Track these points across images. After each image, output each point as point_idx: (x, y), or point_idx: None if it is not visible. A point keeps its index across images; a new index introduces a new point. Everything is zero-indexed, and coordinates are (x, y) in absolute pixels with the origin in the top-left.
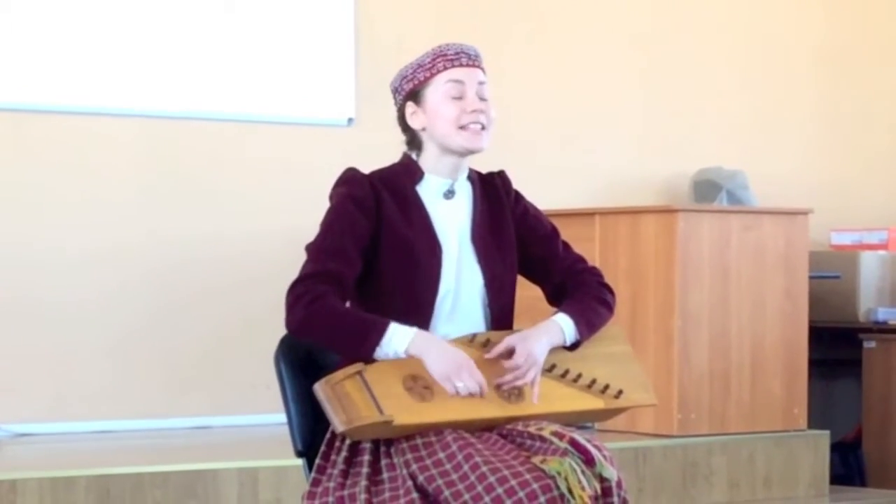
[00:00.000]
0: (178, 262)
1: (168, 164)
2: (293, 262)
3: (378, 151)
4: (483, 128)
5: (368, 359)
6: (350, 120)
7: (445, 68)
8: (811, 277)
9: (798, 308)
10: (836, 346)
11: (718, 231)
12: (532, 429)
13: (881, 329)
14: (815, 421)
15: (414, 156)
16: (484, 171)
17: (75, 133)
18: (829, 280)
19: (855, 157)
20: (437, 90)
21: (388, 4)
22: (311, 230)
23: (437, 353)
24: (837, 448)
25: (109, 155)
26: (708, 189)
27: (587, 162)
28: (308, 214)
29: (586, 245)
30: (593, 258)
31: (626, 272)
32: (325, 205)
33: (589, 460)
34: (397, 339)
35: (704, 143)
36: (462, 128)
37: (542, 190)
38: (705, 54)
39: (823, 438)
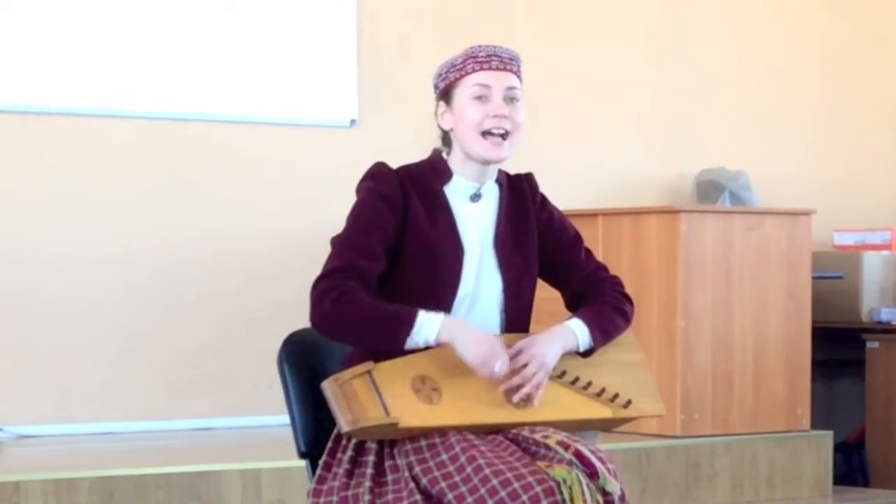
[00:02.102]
0: (180, 263)
1: (170, 165)
2: (296, 263)
3: (380, 153)
4: (506, 135)
5: (400, 350)
6: (352, 121)
7: (474, 70)
8: (814, 278)
9: (801, 308)
10: (839, 346)
11: (721, 231)
12: (538, 436)
13: (884, 329)
14: (818, 421)
15: (444, 154)
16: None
17: (80, 134)
18: (831, 280)
19: (858, 157)
20: (465, 92)
21: (390, 5)
22: (315, 231)
23: (468, 338)
24: (840, 448)
25: (112, 156)
26: (711, 189)
27: (590, 162)
28: (311, 215)
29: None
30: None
31: (628, 272)
32: (328, 206)
33: (593, 473)
34: (427, 327)
35: (707, 143)
36: (484, 134)
37: (545, 190)
38: (708, 55)
39: (826, 439)
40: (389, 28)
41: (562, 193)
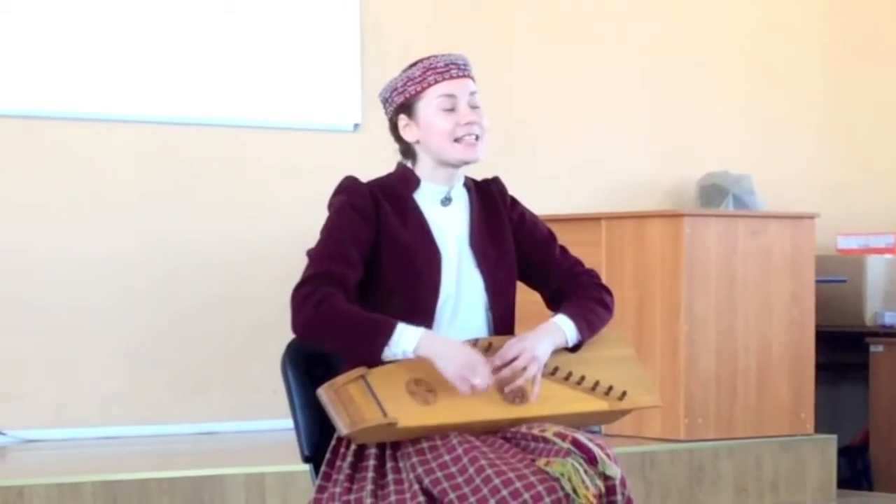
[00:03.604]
0: (184, 268)
1: (174, 169)
2: (299, 268)
3: (384, 156)
4: (477, 138)
5: (376, 359)
6: (356, 125)
7: (436, 82)
8: (817, 282)
9: (804, 312)
10: (842, 350)
11: (725, 235)
12: (535, 431)
13: (888, 333)
14: (821, 425)
15: (409, 164)
16: (488, 175)
17: (82, 139)
18: (835, 284)
19: (861, 161)
20: (430, 104)
21: (393, 9)
22: (318, 235)
23: (446, 353)
24: (844, 452)
25: (115, 161)
26: (714, 193)
27: (593, 166)
28: (314, 219)
29: (593, 250)
30: (600, 263)
31: (632, 277)
32: None
33: (591, 459)
34: (405, 339)
35: (711, 147)
36: (457, 140)
37: (548, 194)
38: (712, 58)
39: (830, 443)
40: (393, 32)
41: (565, 198)
